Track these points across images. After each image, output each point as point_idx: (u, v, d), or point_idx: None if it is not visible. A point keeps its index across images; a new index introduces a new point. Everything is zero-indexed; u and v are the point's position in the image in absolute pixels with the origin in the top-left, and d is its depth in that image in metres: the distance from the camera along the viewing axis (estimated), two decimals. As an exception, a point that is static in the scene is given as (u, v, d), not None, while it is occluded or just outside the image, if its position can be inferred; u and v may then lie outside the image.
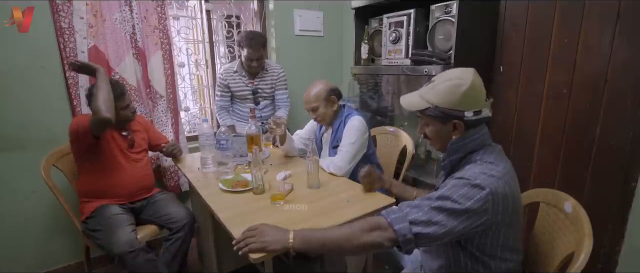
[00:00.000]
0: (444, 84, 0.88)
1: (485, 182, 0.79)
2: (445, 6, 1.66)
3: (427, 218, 0.78)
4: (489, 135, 0.93)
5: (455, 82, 0.87)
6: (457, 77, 0.87)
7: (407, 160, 1.84)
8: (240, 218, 1.12)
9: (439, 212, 0.79)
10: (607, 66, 1.39)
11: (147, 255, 1.46)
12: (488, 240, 0.86)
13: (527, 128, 1.70)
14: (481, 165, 0.85)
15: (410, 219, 0.79)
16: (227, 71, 2.11)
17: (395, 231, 0.78)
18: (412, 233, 0.78)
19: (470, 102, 0.86)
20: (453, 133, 0.90)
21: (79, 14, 1.71)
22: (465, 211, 0.78)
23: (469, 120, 0.87)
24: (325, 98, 1.62)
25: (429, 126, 0.94)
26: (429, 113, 0.90)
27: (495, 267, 0.89)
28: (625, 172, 1.39)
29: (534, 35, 1.62)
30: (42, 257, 1.87)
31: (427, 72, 1.67)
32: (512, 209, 0.83)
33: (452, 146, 0.92)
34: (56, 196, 1.56)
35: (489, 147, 0.91)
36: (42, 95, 1.72)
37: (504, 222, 0.83)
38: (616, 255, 1.46)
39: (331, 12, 2.67)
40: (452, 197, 0.79)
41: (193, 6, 2.26)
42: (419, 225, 0.78)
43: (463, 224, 0.78)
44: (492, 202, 0.79)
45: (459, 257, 0.91)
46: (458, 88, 0.86)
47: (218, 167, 1.55)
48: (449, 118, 0.88)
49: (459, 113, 0.86)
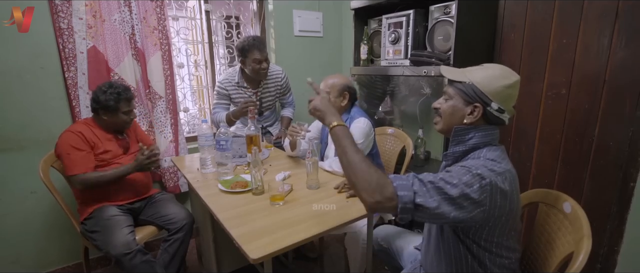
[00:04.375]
0: (492, 70, 0.90)
1: (486, 174, 0.80)
2: (444, 7, 1.66)
3: (429, 195, 0.78)
4: (497, 137, 0.93)
5: (503, 73, 0.89)
6: (507, 72, 0.90)
7: (407, 160, 1.84)
8: (239, 219, 1.12)
9: (439, 193, 0.78)
10: (605, 66, 1.40)
11: (145, 257, 1.46)
12: (484, 234, 0.86)
13: (526, 128, 1.70)
14: (483, 161, 0.86)
15: (415, 189, 0.79)
16: (228, 82, 2.02)
17: (398, 196, 0.77)
18: (413, 204, 0.77)
19: (502, 97, 0.88)
20: (466, 117, 0.90)
21: (78, 14, 1.71)
22: (465, 197, 0.78)
23: (489, 112, 0.88)
24: (339, 89, 1.65)
25: (451, 101, 0.93)
26: (461, 87, 0.90)
27: (490, 262, 0.89)
28: (624, 172, 1.40)
29: (532, 35, 1.62)
30: (40, 258, 1.86)
31: (427, 72, 1.67)
32: (509, 207, 0.84)
33: (457, 131, 0.92)
34: (55, 197, 1.55)
35: (493, 147, 0.91)
36: (41, 95, 1.71)
37: (501, 218, 0.84)
38: (615, 255, 1.47)
39: (330, 13, 2.67)
40: (452, 181, 0.79)
41: (192, 7, 2.26)
42: (421, 197, 0.78)
43: (459, 210, 0.78)
44: (490, 193, 0.79)
45: (459, 253, 0.91)
46: (502, 79, 0.88)
47: (217, 168, 1.54)
48: (474, 99, 0.88)
49: (487, 100, 0.87)
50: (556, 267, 0.95)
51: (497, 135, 0.93)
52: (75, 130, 1.54)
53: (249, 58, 1.89)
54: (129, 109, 1.61)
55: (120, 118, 1.58)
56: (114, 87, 1.56)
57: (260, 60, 1.90)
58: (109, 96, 1.53)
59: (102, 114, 1.57)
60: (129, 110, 1.61)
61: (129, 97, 1.60)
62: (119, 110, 1.57)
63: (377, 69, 2.08)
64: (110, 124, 1.60)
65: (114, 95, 1.54)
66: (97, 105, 1.56)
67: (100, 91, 1.54)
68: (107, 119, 1.58)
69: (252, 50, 1.87)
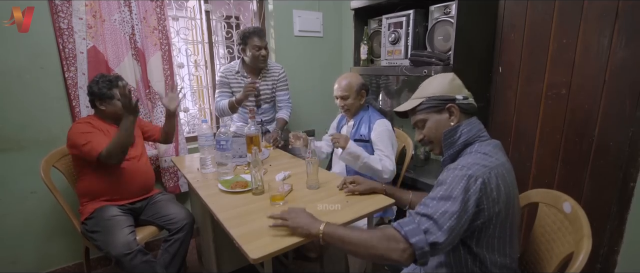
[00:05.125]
0: (431, 80, 1.00)
1: (479, 172, 0.81)
2: (444, 7, 1.66)
3: (437, 227, 0.78)
4: (483, 128, 0.96)
5: (440, 76, 1.00)
6: (440, 75, 1.02)
7: (406, 160, 1.84)
8: (239, 219, 1.12)
9: (444, 218, 0.79)
10: (605, 66, 1.40)
11: (145, 257, 1.46)
12: (482, 234, 0.86)
13: (526, 128, 1.70)
14: (475, 156, 0.87)
15: (424, 228, 0.78)
16: (228, 71, 2.06)
17: (413, 245, 0.77)
18: (428, 244, 0.77)
19: (457, 89, 0.97)
20: (450, 120, 0.95)
21: (78, 14, 1.71)
22: (465, 209, 0.79)
23: (461, 104, 0.94)
24: (357, 90, 1.69)
25: (427, 123, 0.98)
26: (424, 106, 0.97)
27: (490, 261, 0.89)
28: (624, 172, 1.40)
29: (532, 35, 1.62)
30: (41, 258, 1.86)
31: (426, 72, 1.67)
32: (505, 202, 0.84)
33: (446, 137, 0.95)
34: (55, 197, 1.55)
35: (485, 140, 0.93)
36: (41, 95, 1.71)
37: (498, 215, 0.84)
38: (615, 255, 1.47)
39: (330, 13, 2.67)
40: (451, 194, 0.80)
41: (192, 7, 2.26)
42: (433, 234, 0.78)
43: (465, 220, 0.79)
44: (485, 192, 0.80)
45: (459, 253, 0.91)
46: (445, 78, 0.98)
47: (217, 168, 1.55)
48: (443, 104, 0.95)
49: (451, 97, 0.95)
50: (556, 267, 0.95)
51: (481, 125, 0.96)
52: (81, 122, 1.57)
53: (249, 44, 1.95)
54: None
55: (117, 105, 1.57)
56: (105, 76, 1.58)
57: (259, 47, 1.96)
58: (102, 84, 1.55)
59: (99, 104, 1.58)
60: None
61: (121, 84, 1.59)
62: (114, 97, 1.57)
63: (377, 69, 2.08)
64: (110, 113, 1.60)
65: (106, 82, 1.55)
66: (92, 96, 1.58)
67: (93, 82, 1.57)
68: (105, 109, 1.58)
69: (252, 37, 1.94)
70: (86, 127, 1.53)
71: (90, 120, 1.59)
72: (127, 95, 1.43)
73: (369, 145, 1.65)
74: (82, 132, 1.50)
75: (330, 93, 1.79)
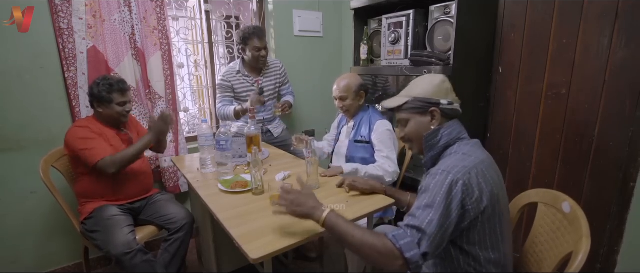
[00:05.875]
0: (420, 80, 1.01)
1: (458, 175, 0.82)
2: (444, 7, 1.66)
3: (428, 238, 0.80)
4: (464, 130, 0.97)
5: (431, 77, 1.02)
6: (431, 75, 1.03)
7: (406, 161, 1.84)
8: (239, 219, 1.12)
9: (428, 213, 0.81)
10: (605, 66, 1.40)
11: (145, 257, 1.46)
12: (472, 232, 0.87)
13: (526, 128, 1.70)
14: (455, 157, 0.89)
15: (417, 241, 0.80)
16: (229, 73, 2.06)
17: (407, 259, 0.79)
18: (421, 256, 0.79)
19: (444, 93, 0.97)
20: (431, 123, 0.96)
21: (78, 14, 1.71)
22: (448, 213, 0.81)
23: (444, 109, 0.95)
24: (355, 91, 1.69)
25: (409, 123, 1.00)
26: (409, 106, 0.99)
27: (484, 258, 0.89)
28: (624, 172, 1.40)
29: (532, 35, 1.62)
30: (41, 258, 1.86)
31: (427, 72, 1.67)
32: (490, 198, 0.84)
33: (427, 140, 0.96)
34: (55, 197, 1.55)
35: (465, 140, 0.95)
36: (41, 95, 1.71)
37: (484, 212, 0.85)
38: (615, 255, 1.47)
39: (330, 13, 2.67)
40: (434, 200, 0.81)
41: (192, 7, 2.26)
42: (424, 246, 0.80)
43: (449, 219, 0.81)
44: (467, 193, 0.82)
45: (450, 253, 0.92)
46: (433, 80, 0.99)
47: (217, 168, 1.55)
48: (427, 106, 0.96)
49: (436, 101, 0.95)
50: (555, 266, 0.96)
51: (462, 127, 0.97)
52: (80, 125, 1.56)
53: (249, 45, 1.97)
54: (124, 100, 1.59)
55: (115, 109, 1.57)
56: (107, 79, 1.57)
57: (259, 48, 1.98)
58: (102, 87, 1.54)
59: (97, 106, 1.57)
60: (123, 101, 1.59)
61: (122, 89, 1.58)
62: (113, 102, 1.56)
63: (377, 69, 2.08)
64: (107, 117, 1.59)
65: (107, 86, 1.54)
66: (92, 98, 1.57)
67: (95, 84, 1.56)
68: (102, 112, 1.58)
69: (252, 38, 1.96)
70: (85, 132, 1.52)
71: (88, 123, 1.57)
72: (167, 123, 1.52)
73: (369, 147, 1.65)
74: (81, 137, 1.50)
75: (330, 93, 1.79)
